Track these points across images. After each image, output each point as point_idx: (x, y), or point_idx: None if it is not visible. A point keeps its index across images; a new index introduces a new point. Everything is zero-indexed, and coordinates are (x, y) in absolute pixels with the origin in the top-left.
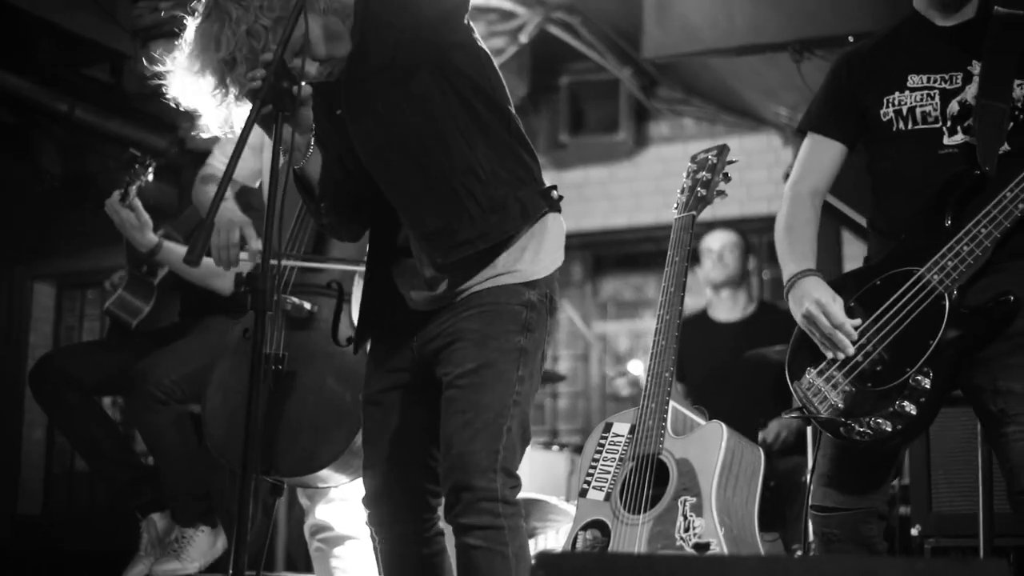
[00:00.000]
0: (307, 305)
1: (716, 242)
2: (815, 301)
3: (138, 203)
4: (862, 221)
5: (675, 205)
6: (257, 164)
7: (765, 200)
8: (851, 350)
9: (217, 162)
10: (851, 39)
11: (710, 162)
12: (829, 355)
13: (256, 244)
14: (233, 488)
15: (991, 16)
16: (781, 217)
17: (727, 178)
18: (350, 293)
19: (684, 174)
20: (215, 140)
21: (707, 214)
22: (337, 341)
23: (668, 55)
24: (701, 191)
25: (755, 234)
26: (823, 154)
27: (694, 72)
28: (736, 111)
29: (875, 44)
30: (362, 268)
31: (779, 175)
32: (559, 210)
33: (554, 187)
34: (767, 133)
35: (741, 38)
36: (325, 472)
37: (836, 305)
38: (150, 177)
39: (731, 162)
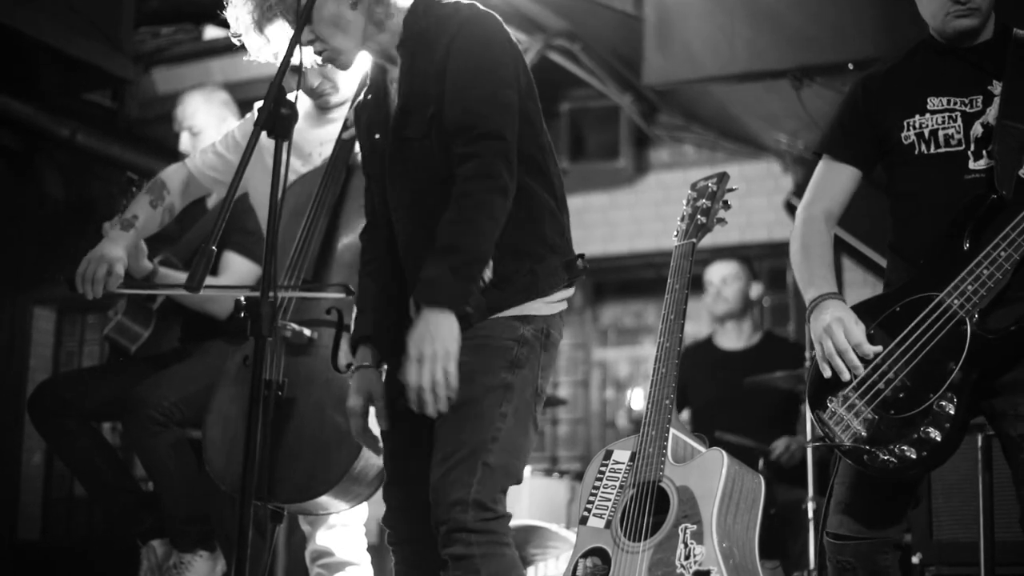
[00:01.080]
0: (307, 332)
1: (716, 274)
2: (837, 318)
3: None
4: (862, 248)
5: (675, 232)
6: (222, 177)
7: (765, 227)
8: (849, 375)
9: (190, 163)
10: (851, 66)
11: (710, 190)
12: (827, 373)
13: (117, 283)
14: (233, 514)
15: (1010, 38)
16: (795, 240)
17: (727, 206)
18: (350, 321)
19: (684, 201)
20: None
21: (707, 241)
22: (337, 367)
23: (668, 82)
24: (701, 219)
25: (756, 261)
26: (836, 178)
27: (694, 99)
28: (736, 138)
29: (890, 68)
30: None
31: (779, 202)
32: (573, 283)
33: (581, 256)
34: (767, 160)
35: (741, 65)
36: (324, 499)
37: (858, 328)
38: None
39: (731, 190)
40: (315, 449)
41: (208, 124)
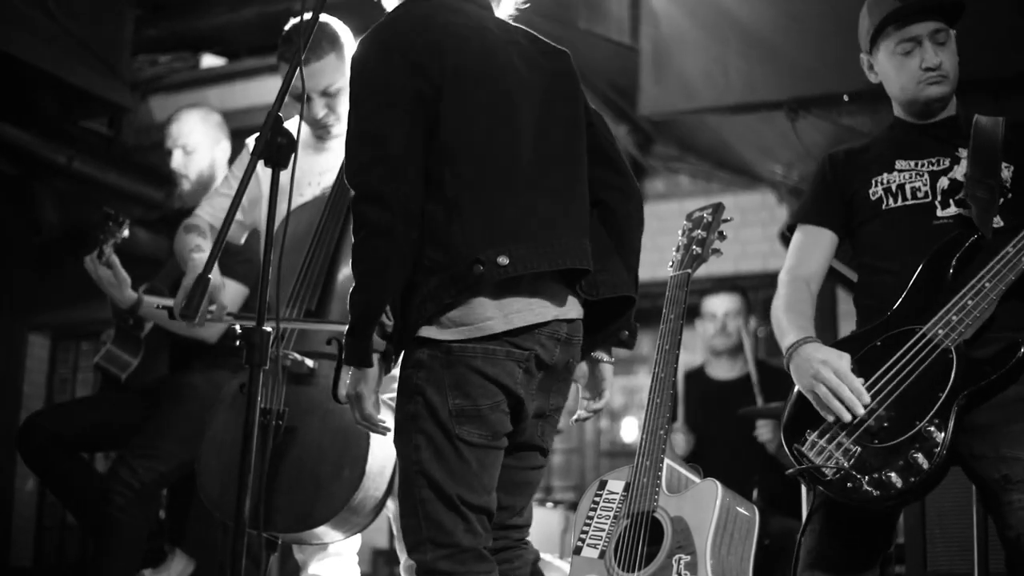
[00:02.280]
0: (309, 362)
1: (720, 307)
2: (821, 361)
3: (115, 260)
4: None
5: (671, 262)
6: (246, 219)
7: (760, 257)
8: (861, 409)
9: (204, 214)
10: (846, 97)
11: (705, 220)
12: (830, 419)
13: (224, 313)
14: (225, 542)
15: (972, 118)
16: (779, 300)
17: (722, 236)
18: None
19: (680, 231)
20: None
21: (702, 271)
22: (337, 398)
23: (664, 112)
24: (696, 249)
25: (750, 291)
26: (815, 243)
27: (690, 129)
28: (731, 168)
29: (861, 145)
30: None
31: (774, 232)
32: (476, 288)
33: (478, 260)
34: (762, 191)
35: (737, 96)
36: (322, 529)
37: (843, 362)
38: (125, 234)
39: (726, 220)
40: (315, 480)
41: (202, 144)
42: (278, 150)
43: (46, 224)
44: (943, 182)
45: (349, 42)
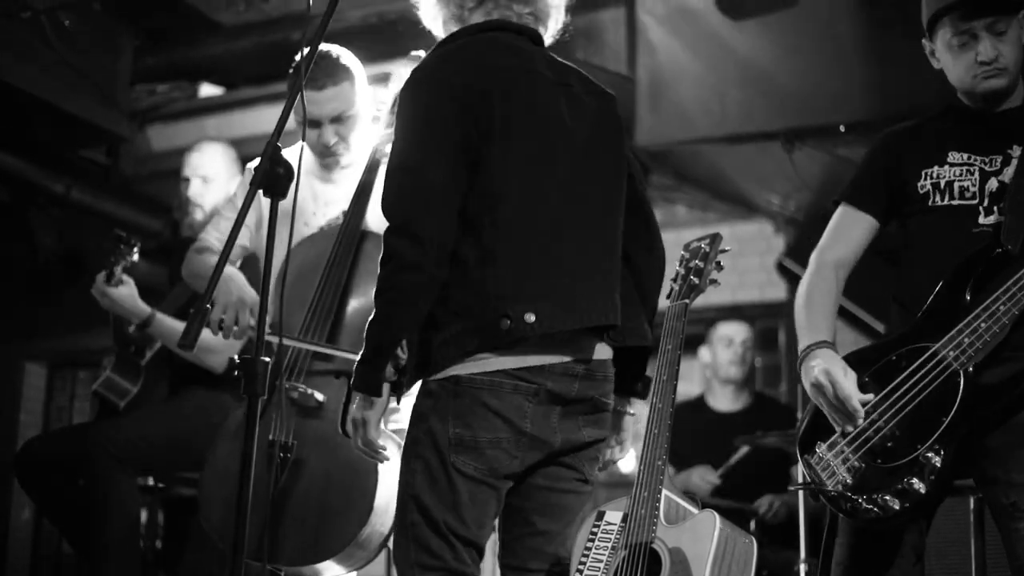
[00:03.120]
0: (318, 396)
1: (737, 335)
2: (824, 371)
3: (129, 278)
4: (853, 309)
5: (668, 292)
6: (250, 244)
7: (757, 287)
8: (855, 426)
9: (212, 237)
10: (842, 128)
11: (703, 250)
12: (837, 428)
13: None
14: (222, 574)
15: None
16: (803, 285)
17: (720, 266)
18: None
19: (677, 262)
20: (210, 219)
21: (699, 301)
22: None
23: (661, 143)
24: (694, 279)
25: (748, 321)
26: (853, 226)
27: (687, 160)
28: (728, 199)
29: (916, 124)
30: None
31: (771, 262)
32: (502, 347)
33: (507, 315)
34: (759, 221)
35: (733, 126)
36: (327, 563)
37: (847, 379)
38: (135, 257)
39: (724, 250)
40: (322, 514)
41: (220, 176)
42: (276, 180)
43: (43, 252)
44: (992, 184)
45: (361, 72)
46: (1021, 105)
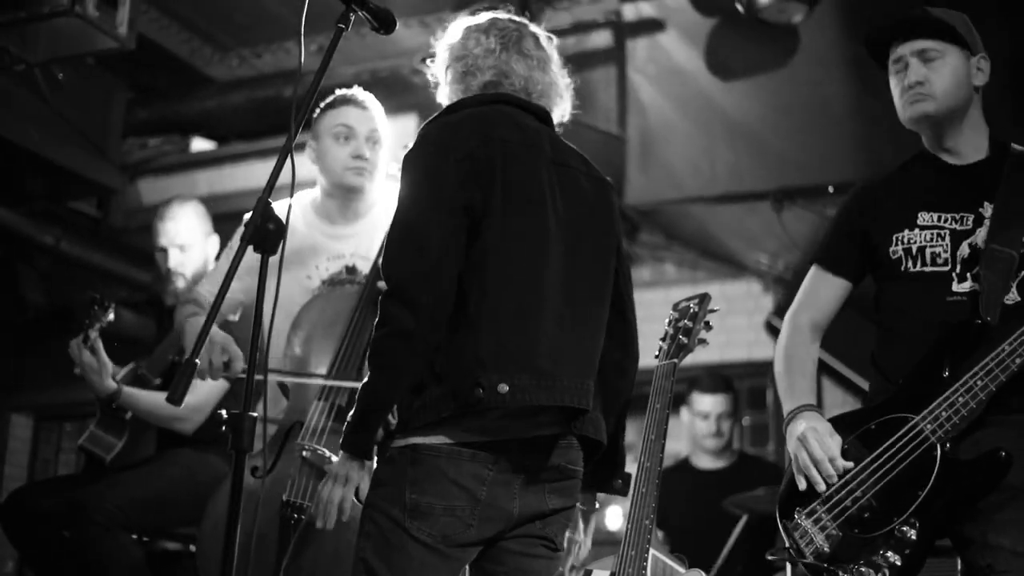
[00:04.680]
0: (334, 458)
1: (713, 408)
2: (812, 428)
3: (99, 346)
4: (840, 368)
5: (657, 352)
6: (246, 296)
7: (745, 346)
8: (825, 485)
9: (205, 291)
10: (831, 189)
11: (692, 310)
12: (802, 485)
13: (241, 364)
14: None
15: (1007, 154)
16: (780, 347)
17: (708, 326)
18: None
19: (666, 321)
20: (202, 276)
21: (687, 359)
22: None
23: (650, 201)
24: (683, 339)
25: (736, 380)
26: (826, 289)
27: (676, 218)
28: (717, 258)
29: (885, 179)
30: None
31: (759, 322)
32: (471, 415)
33: (479, 383)
34: (748, 280)
35: (722, 186)
36: None
37: (832, 440)
38: (111, 318)
39: (712, 310)
40: None
41: (196, 241)
42: (267, 236)
43: (31, 304)
44: (964, 249)
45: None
46: (987, 157)
